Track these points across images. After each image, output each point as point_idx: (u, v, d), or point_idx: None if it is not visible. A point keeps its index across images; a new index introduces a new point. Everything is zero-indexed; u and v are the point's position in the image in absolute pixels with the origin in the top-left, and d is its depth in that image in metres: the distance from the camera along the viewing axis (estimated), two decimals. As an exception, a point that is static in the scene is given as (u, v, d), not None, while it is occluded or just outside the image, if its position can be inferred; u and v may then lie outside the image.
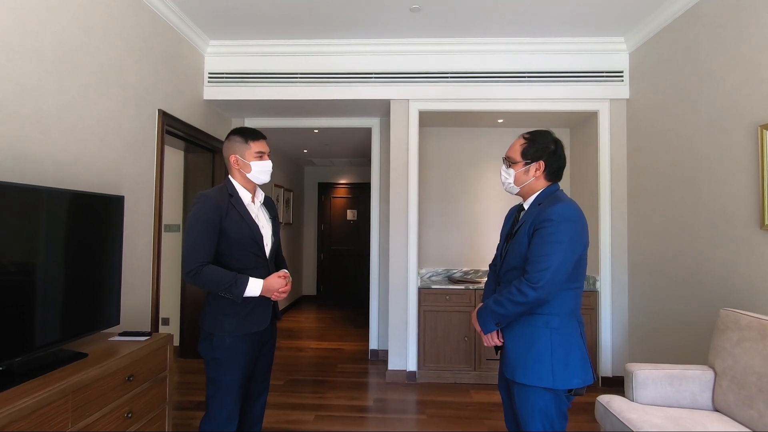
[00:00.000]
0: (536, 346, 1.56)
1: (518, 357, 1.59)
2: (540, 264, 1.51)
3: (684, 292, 2.87)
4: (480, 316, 1.69)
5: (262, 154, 1.88)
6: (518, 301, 1.53)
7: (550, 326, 1.56)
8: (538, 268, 1.50)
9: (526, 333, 1.59)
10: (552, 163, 1.67)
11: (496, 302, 1.60)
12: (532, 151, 1.67)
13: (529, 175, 1.68)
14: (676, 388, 2.15)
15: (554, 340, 1.55)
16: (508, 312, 1.57)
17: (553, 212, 1.54)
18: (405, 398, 3.35)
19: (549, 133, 1.71)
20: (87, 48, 2.34)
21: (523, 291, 1.52)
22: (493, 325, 1.64)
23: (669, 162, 3.04)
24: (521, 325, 1.61)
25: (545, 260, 1.50)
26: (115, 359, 1.82)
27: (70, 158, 2.22)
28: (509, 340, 1.64)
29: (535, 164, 1.66)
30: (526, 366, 1.56)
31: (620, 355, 3.55)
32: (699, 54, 2.77)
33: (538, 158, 1.66)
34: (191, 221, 1.76)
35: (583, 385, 1.55)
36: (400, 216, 3.77)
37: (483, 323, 1.67)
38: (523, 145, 1.69)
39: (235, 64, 3.73)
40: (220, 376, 1.79)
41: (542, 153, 1.66)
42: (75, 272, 1.90)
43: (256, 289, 1.76)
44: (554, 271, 1.50)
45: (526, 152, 1.68)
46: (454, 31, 3.48)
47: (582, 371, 1.55)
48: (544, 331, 1.56)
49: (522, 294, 1.52)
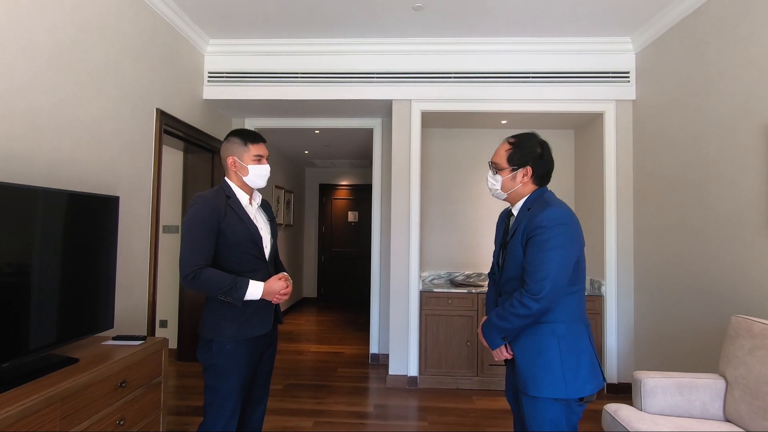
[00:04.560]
0: (545, 356, 1.52)
1: (528, 369, 1.55)
2: (538, 273, 1.47)
3: (692, 297, 2.80)
4: (485, 332, 1.65)
5: (261, 157, 1.85)
6: (521, 314, 1.50)
7: (556, 334, 1.53)
8: (537, 278, 1.47)
9: (533, 343, 1.55)
10: (539, 168, 1.62)
11: (500, 317, 1.57)
12: (518, 156, 1.63)
13: (516, 181, 1.64)
14: (686, 397, 2.08)
15: (562, 348, 1.51)
16: (513, 326, 1.54)
17: (544, 218, 1.51)
18: (406, 404, 3.29)
19: (534, 136, 1.66)
20: (82, 45, 2.29)
21: (525, 304, 1.49)
22: (499, 340, 1.61)
23: (676, 164, 2.97)
24: (528, 335, 1.57)
25: (543, 269, 1.47)
26: (107, 365, 1.77)
27: (64, 157, 2.17)
28: (518, 352, 1.60)
29: (522, 170, 1.62)
30: (536, 377, 1.52)
31: (626, 362, 3.48)
32: (708, 54, 2.71)
33: (524, 164, 1.62)
34: (188, 224, 1.71)
35: (596, 390, 1.52)
36: (402, 218, 3.71)
37: (489, 339, 1.64)
38: (508, 151, 1.65)
39: (236, 63, 3.68)
40: (219, 383, 1.74)
41: (528, 158, 1.62)
42: (67, 274, 1.84)
43: (257, 292, 1.72)
44: (554, 278, 1.46)
45: (512, 158, 1.64)
46: (458, 31, 3.43)
47: (593, 377, 1.52)
48: (551, 340, 1.52)
49: (524, 307, 1.49)
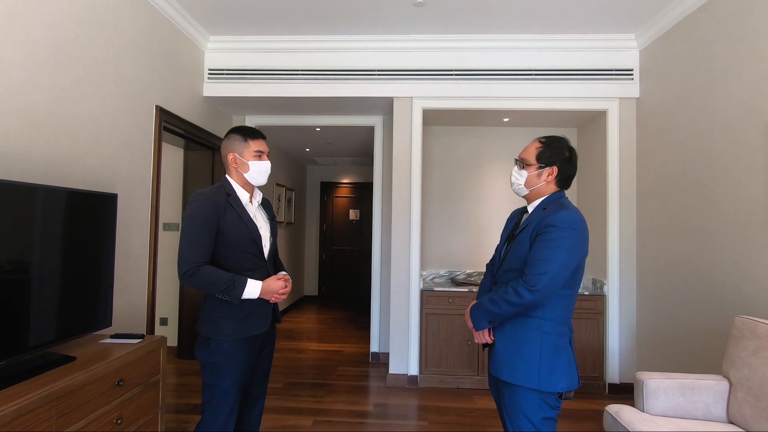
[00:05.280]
0: (526, 348, 1.58)
1: (507, 356, 1.61)
2: (539, 267, 1.52)
3: (695, 297, 2.77)
4: (473, 313, 1.70)
5: (261, 153, 1.84)
6: (513, 301, 1.54)
7: (541, 330, 1.57)
8: (537, 271, 1.51)
9: (517, 333, 1.61)
10: (565, 171, 1.68)
11: (491, 301, 1.61)
12: (548, 155, 1.67)
13: (540, 179, 1.69)
14: (689, 398, 2.06)
15: (544, 344, 1.56)
16: (502, 312, 1.59)
17: (558, 218, 1.55)
18: (406, 403, 3.27)
19: (565, 140, 1.71)
20: (80, 41, 2.27)
21: (519, 292, 1.53)
22: (485, 323, 1.66)
23: (681, 162, 2.94)
24: (513, 325, 1.62)
25: (544, 264, 1.51)
26: (105, 363, 1.75)
27: (61, 154, 2.15)
28: (500, 339, 1.65)
29: (549, 169, 1.67)
30: (513, 366, 1.58)
31: (628, 362, 3.46)
32: (713, 51, 2.67)
33: (552, 163, 1.67)
34: (187, 221, 1.70)
35: (568, 389, 1.56)
36: (403, 216, 3.68)
37: (475, 320, 1.69)
38: (538, 149, 1.70)
39: (236, 60, 3.66)
40: (217, 381, 1.72)
41: (557, 158, 1.67)
42: (65, 272, 1.83)
43: (255, 290, 1.71)
44: (552, 276, 1.51)
45: (541, 155, 1.68)
46: (460, 27, 3.40)
47: (567, 376, 1.56)
48: (536, 334, 1.57)
49: (518, 295, 1.53)
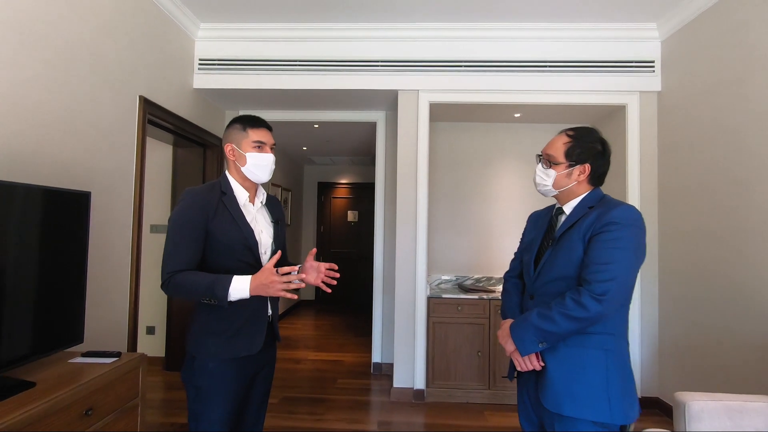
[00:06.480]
0: (589, 372, 1.32)
1: (564, 384, 1.33)
2: (605, 273, 1.26)
3: (725, 306, 2.54)
4: (517, 333, 1.39)
5: (262, 144, 1.55)
6: (576, 316, 1.27)
7: (605, 348, 1.32)
8: (603, 277, 1.26)
9: (575, 355, 1.34)
10: (598, 167, 1.45)
11: (544, 317, 1.33)
12: (579, 151, 1.45)
13: (571, 179, 1.46)
14: (737, 422, 1.81)
15: (610, 365, 1.31)
16: (561, 329, 1.30)
17: (619, 214, 1.31)
18: (412, 420, 3.02)
19: (595, 132, 1.49)
20: (48, 17, 2.01)
21: (584, 304, 1.26)
22: (536, 345, 1.36)
23: (709, 159, 2.71)
24: (569, 345, 1.35)
25: (611, 269, 1.26)
26: (70, 390, 1.49)
27: (27, 147, 1.89)
28: (553, 364, 1.37)
29: (580, 167, 1.45)
30: (575, 395, 1.31)
31: (649, 374, 3.22)
32: (749, 37, 2.45)
33: (584, 160, 1.44)
34: (171, 224, 1.46)
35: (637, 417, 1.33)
36: (408, 218, 3.43)
37: (521, 342, 1.38)
38: (567, 144, 1.46)
39: (229, 49, 3.40)
40: (204, 410, 1.45)
41: (589, 154, 1.44)
42: (25, 282, 1.57)
43: (244, 286, 1.39)
44: (621, 282, 1.27)
45: (570, 152, 1.45)
46: (469, 15, 3.15)
47: (637, 402, 1.35)
48: (599, 354, 1.32)
49: (582, 308, 1.26)
